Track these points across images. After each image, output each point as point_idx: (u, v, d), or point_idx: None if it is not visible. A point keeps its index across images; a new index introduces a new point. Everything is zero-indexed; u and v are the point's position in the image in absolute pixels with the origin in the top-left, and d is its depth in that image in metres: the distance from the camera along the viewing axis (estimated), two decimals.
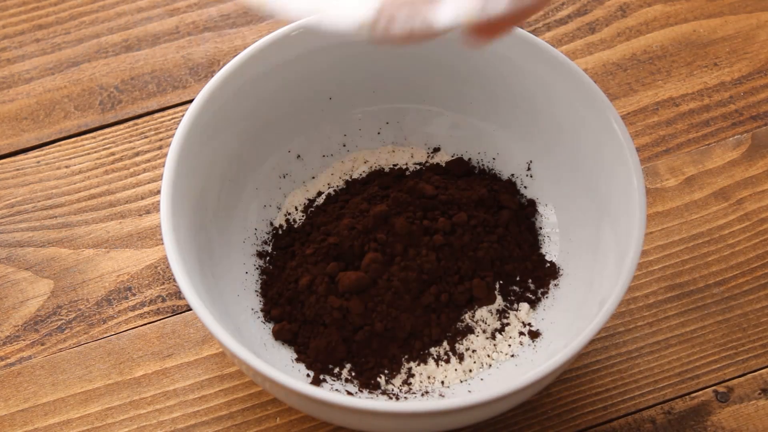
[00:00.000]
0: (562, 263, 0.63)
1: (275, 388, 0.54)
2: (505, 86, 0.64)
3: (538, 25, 0.75)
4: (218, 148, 0.62)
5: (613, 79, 0.72)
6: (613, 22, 0.75)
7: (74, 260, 0.66)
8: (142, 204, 0.68)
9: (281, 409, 0.61)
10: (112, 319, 0.64)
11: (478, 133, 0.67)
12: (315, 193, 0.66)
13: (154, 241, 0.66)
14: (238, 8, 0.76)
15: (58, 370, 0.62)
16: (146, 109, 0.72)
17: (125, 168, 0.69)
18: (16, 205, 0.68)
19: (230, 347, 0.53)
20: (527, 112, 0.64)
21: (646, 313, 0.64)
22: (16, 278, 0.65)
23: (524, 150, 0.66)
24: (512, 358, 0.60)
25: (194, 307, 0.54)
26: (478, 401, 0.52)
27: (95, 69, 0.73)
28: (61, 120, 0.71)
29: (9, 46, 0.74)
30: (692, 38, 0.74)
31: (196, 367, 0.62)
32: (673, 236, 0.67)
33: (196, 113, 0.60)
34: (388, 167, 0.67)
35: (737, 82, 0.72)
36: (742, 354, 0.63)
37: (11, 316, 0.64)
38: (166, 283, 0.65)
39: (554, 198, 0.65)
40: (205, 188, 0.61)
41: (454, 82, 0.66)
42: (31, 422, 0.61)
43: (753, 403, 0.61)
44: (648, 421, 0.61)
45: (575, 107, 0.61)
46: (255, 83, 0.62)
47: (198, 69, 0.73)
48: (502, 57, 0.63)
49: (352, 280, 0.60)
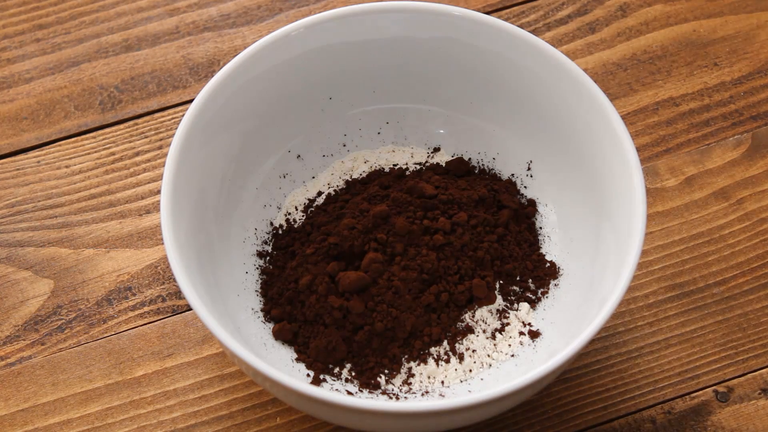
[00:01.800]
0: (562, 263, 0.63)
1: (275, 388, 0.54)
2: (504, 86, 0.64)
3: (538, 25, 0.75)
4: (218, 148, 0.62)
5: (613, 79, 0.72)
6: (613, 22, 0.75)
7: (74, 260, 0.66)
8: (142, 204, 0.68)
9: (281, 409, 0.61)
10: (113, 318, 0.64)
11: (478, 133, 0.67)
12: (315, 193, 0.66)
13: (154, 241, 0.66)
14: (238, 8, 0.76)
15: (58, 370, 0.62)
16: (146, 109, 0.72)
17: (125, 168, 0.69)
18: (16, 205, 0.68)
19: (230, 347, 0.53)
20: (527, 112, 0.64)
21: (646, 313, 0.64)
22: (16, 278, 0.65)
23: (524, 150, 0.66)
24: (512, 358, 0.60)
25: (194, 307, 0.54)
26: (478, 401, 0.52)
27: (95, 69, 0.73)
28: (61, 120, 0.71)
29: (9, 46, 0.74)
30: (692, 38, 0.74)
31: (196, 367, 0.62)
32: (673, 236, 0.67)
33: (196, 113, 0.60)
34: (388, 167, 0.67)
35: (737, 82, 0.72)
36: (742, 354, 0.63)
37: (11, 316, 0.64)
38: (166, 283, 0.65)
39: (554, 198, 0.65)
40: (205, 188, 0.61)
41: (454, 82, 0.66)
42: (31, 422, 0.61)
43: (753, 403, 0.61)
44: (648, 421, 0.61)
45: (575, 107, 0.61)
46: (255, 83, 0.62)
47: (198, 69, 0.73)
48: (502, 57, 0.63)
49: (353, 279, 0.60)
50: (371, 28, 0.64)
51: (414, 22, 0.63)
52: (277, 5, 0.76)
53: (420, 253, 0.60)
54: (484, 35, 0.63)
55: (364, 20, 0.63)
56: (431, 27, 0.64)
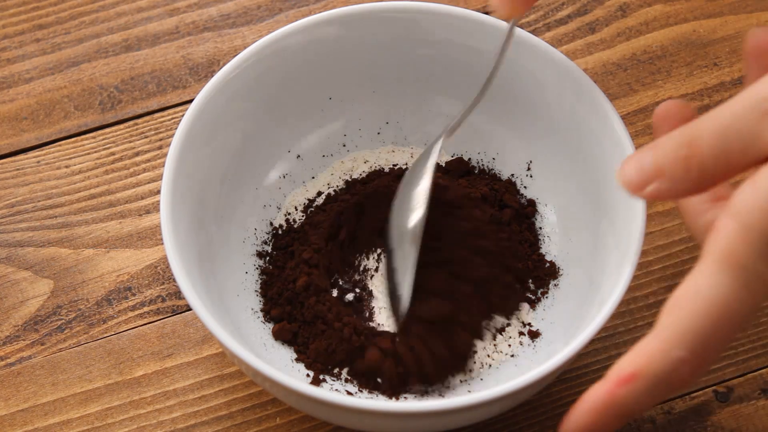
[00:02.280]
0: (562, 263, 0.63)
1: (275, 388, 0.54)
2: (504, 86, 0.64)
3: (538, 25, 0.75)
4: (218, 148, 0.62)
5: (613, 79, 0.72)
6: (613, 22, 0.75)
7: (74, 260, 0.66)
8: (142, 204, 0.68)
9: (281, 409, 0.61)
10: (112, 319, 0.64)
11: (478, 133, 0.67)
12: (315, 193, 0.66)
13: (154, 241, 0.66)
14: (238, 8, 0.76)
15: (58, 370, 0.62)
16: (146, 109, 0.72)
17: (125, 168, 0.69)
18: (16, 205, 0.68)
19: (230, 347, 0.53)
20: (527, 112, 0.64)
21: (646, 313, 0.64)
22: (16, 278, 0.65)
23: (524, 150, 0.66)
24: (512, 358, 0.60)
25: (194, 307, 0.54)
26: (478, 401, 0.52)
27: (95, 69, 0.73)
28: (61, 120, 0.71)
29: (9, 46, 0.74)
30: (692, 38, 0.74)
31: (196, 367, 0.62)
32: (673, 236, 0.67)
33: (196, 113, 0.60)
34: (388, 167, 0.67)
35: (737, 82, 0.72)
36: (742, 354, 0.63)
37: (11, 316, 0.64)
38: (166, 283, 0.65)
39: (554, 198, 0.65)
40: (205, 188, 0.61)
41: (453, 82, 0.66)
42: (31, 422, 0.61)
43: (753, 403, 0.61)
44: (648, 421, 0.61)
45: (575, 107, 0.61)
46: (255, 83, 0.62)
47: (198, 69, 0.73)
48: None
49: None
50: (371, 28, 0.64)
51: (414, 22, 0.63)
52: (277, 5, 0.76)
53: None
54: (484, 35, 0.63)
55: (364, 20, 0.63)
56: (431, 27, 0.64)
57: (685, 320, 0.45)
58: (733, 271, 0.44)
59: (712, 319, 0.44)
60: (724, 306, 0.44)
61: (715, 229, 0.45)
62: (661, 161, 0.47)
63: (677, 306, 0.45)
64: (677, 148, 0.46)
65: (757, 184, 0.44)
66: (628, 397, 0.45)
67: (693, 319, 0.45)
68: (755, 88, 0.45)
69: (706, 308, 0.44)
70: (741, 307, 0.44)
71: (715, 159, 0.46)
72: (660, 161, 0.47)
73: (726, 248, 0.44)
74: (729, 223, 0.44)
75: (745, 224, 0.44)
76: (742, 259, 0.44)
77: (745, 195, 0.44)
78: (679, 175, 0.47)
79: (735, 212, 0.44)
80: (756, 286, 0.44)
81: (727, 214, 0.45)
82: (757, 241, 0.44)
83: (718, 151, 0.45)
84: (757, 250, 0.44)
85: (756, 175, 0.45)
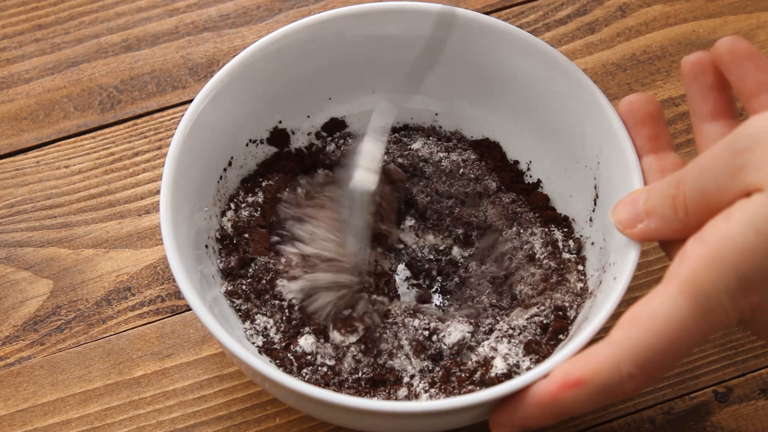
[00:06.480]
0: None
1: (275, 388, 0.54)
2: (504, 87, 0.64)
3: (538, 25, 0.75)
4: (218, 148, 0.62)
5: (613, 79, 0.72)
6: (613, 22, 0.75)
7: (74, 260, 0.66)
8: (141, 204, 0.68)
9: (281, 409, 0.61)
10: (112, 319, 0.64)
11: (479, 133, 0.67)
12: None
13: (154, 241, 0.66)
14: (237, 8, 0.76)
15: (57, 370, 0.62)
16: (146, 109, 0.72)
17: (125, 168, 0.69)
18: (15, 205, 0.68)
19: (230, 347, 0.53)
20: (527, 112, 0.64)
21: None
22: (16, 278, 0.65)
23: (524, 150, 0.66)
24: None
25: (194, 307, 0.54)
26: (478, 401, 0.52)
27: (95, 69, 0.73)
28: (61, 120, 0.71)
29: (9, 46, 0.74)
30: (692, 38, 0.74)
31: (195, 367, 0.62)
32: None
33: (196, 113, 0.60)
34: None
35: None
36: (742, 354, 0.63)
37: (11, 316, 0.64)
38: (166, 283, 0.65)
39: (554, 198, 0.65)
40: (205, 188, 0.61)
41: (453, 82, 0.66)
42: (31, 422, 0.61)
43: (753, 403, 0.61)
44: (648, 421, 0.61)
45: (575, 107, 0.61)
46: (254, 83, 0.62)
47: (197, 69, 0.73)
48: (501, 57, 0.63)
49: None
50: (371, 28, 0.64)
51: (414, 23, 0.63)
52: (276, 5, 0.76)
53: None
54: (484, 35, 0.63)
55: (364, 20, 0.63)
56: (431, 27, 0.64)
57: (640, 338, 0.45)
58: (696, 298, 0.45)
59: (666, 341, 0.45)
60: (679, 330, 0.45)
61: (683, 254, 0.46)
62: (653, 201, 0.50)
63: (635, 321, 0.46)
64: (667, 188, 0.49)
65: (731, 217, 0.45)
66: (570, 401, 0.47)
67: (648, 338, 0.45)
68: (734, 131, 0.46)
69: (662, 330, 0.45)
70: (696, 333, 0.45)
71: (695, 197, 0.47)
72: (651, 200, 0.50)
73: (691, 275, 0.45)
74: (698, 249, 0.45)
75: (714, 254, 0.44)
76: (707, 289, 0.45)
77: (717, 226, 0.45)
78: (667, 213, 0.48)
79: (706, 241, 0.45)
80: (714, 317, 0.45)
81: (698, 241, 0.45)
82: (723, 273, 0.44)
83: (698, 190, 0.47)
84: (723, 283, 0.44)
85: (731, 208, 0.45)
